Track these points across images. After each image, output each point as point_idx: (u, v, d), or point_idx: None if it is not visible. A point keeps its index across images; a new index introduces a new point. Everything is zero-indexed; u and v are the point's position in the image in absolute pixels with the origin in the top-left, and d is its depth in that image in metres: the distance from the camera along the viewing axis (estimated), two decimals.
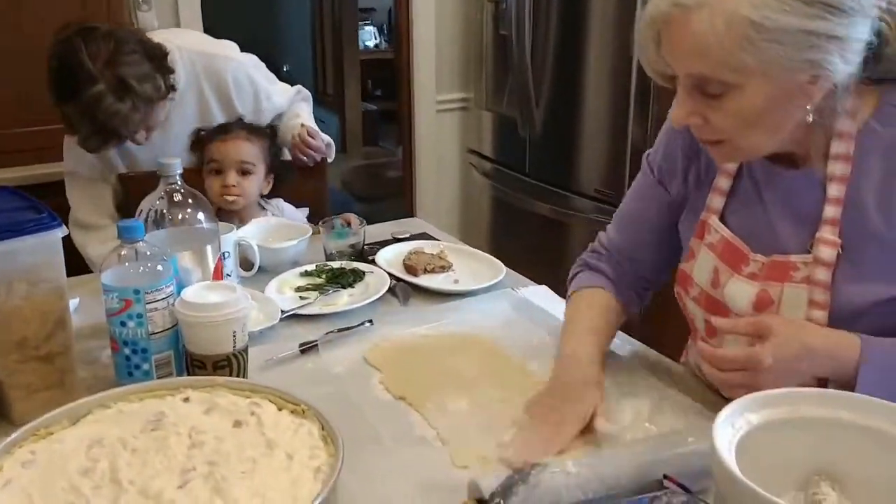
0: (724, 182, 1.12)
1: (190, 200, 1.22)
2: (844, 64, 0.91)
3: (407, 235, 1.82)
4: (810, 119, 0.96)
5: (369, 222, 1.80)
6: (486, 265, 1.63)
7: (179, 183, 1.21)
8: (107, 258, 1.10)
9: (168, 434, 0.94)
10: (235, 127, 1.86)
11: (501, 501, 0.85)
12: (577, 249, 1.49)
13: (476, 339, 1.32)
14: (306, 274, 1.59)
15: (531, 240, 3.07)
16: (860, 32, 0.91)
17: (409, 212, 3.55)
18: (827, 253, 0.99)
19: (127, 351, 1.11)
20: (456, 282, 1.57)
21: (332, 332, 1.33)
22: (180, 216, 1.20)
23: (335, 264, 1.61)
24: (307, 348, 1.28)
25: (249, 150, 1.83)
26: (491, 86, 3.27)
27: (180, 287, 1.14)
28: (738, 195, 1.11)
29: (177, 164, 1.20)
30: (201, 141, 1.87)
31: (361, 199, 4.95)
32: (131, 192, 1.91)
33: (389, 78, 5.27)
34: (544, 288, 1.56)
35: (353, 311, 1.42)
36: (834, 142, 1.00)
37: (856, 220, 0.99)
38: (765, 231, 1.07)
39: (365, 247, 1.70)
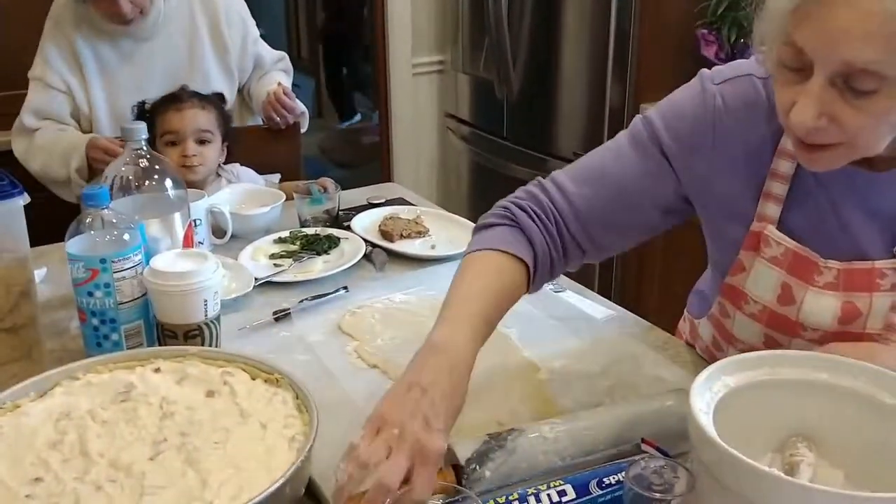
0: (778, 188, 0.98)
1: (157, 166, 1.18)
2: None
3: (382, 201, 1.79)
4: None
5: (346, 188, 1.78)
6: (464, 230, 1.61)
7: (145, 148, 1.17)
8: (71, 227, 1.07)
9: (138, 405, 0.92)
10: (187, 96, 1.81)
11: (477, 467, 0.85)
12: None
13: None
14: (280, 241, 1.56)
15: None
16: None
17: (386, 177, 3.52)
18: None
19: (95, 321, 1.09)
20: (433, 247, 1.55)
21: (305, 299, 1.31)
22: (147, 182, 1.17)
23: (310, 231, 1.58)
24: (281, 316, 1.26)
25: (205, 119, 1.79)
26: (467, 48, 3.23)
27: (149, 255, 1.11)
28: (798, 199, 0.98)
29: (142, 129, 1.16)
30: (150, 113, 1.81)
31: (340, 165, 4.90)
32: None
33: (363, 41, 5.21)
34: None
35: (328, 277, 1.41)
36: None
37: None
38: (838, 236, 0.96)
39: (340, 213, 1.67)
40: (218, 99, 1.88)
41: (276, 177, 2.02)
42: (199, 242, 1.45)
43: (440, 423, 0.82)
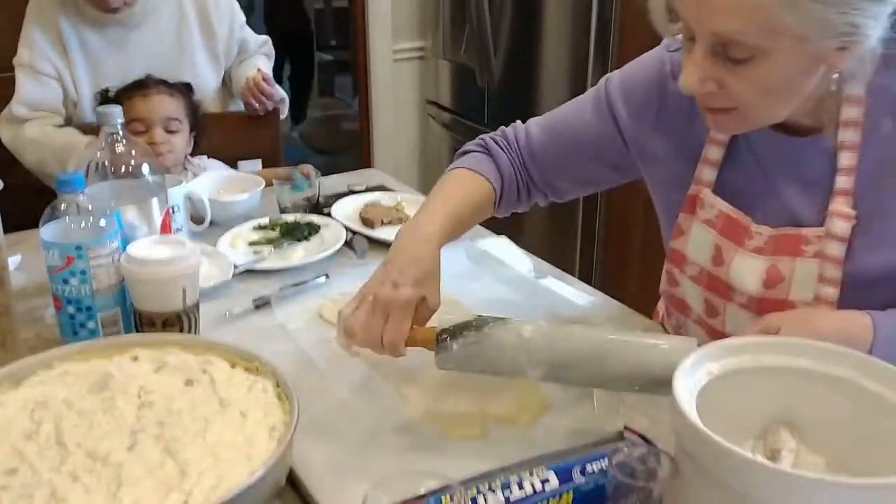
0: (715, 153, 1.03)
1: (133, 151, 1.16)
2: (878, 29, 0.82)
3: (363, 188, 1.78)
4: (834, 88, 0.88)
5: (327, 174, 1.76)
6: None
7: (122, 132, 1.15)
8: (45, 213, 1.05)
9: (115, 394, 0.90)
10: (153, 83, 1.76)
11: (448, 339, 0.91)
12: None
13: None
14: (260, 228, 1.54)
15: None
16: None
17: (366, 163, 3.50)
18: (840, 227, 0.93)
19: (71, 309, 1.07)
20: None
21: (286, 287, 1.30)
22: (123, 168, 1.15)
23: (290, 217, 1.57)
24: (261, 304, 1.25)
25: (173, 107, 1.75)
26: (448, 35, 3.20)
27: (125, 242, 1.09)
28: (733, 165, 1.03)
29: (118, 113, 1.14)
30: (115, 100, 1.75)
31: (320, 152, 4.87)
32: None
33: (343, 27, 5.17)
34: (504, 239, 1.54)
35: (309, 265, 1.39)
36: (844, 108, 0.92)
37: (870, 187, 0.93)
38: (770, 202, 1.00)
39: (320, 199, 1.66)
40: (185, 88, 1.84)
41: (258, 162, 2.00)
42: (177, 229, 1.42)
43: (406, 280, 0.95)
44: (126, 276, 1.07)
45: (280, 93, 2.04)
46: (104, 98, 1.77)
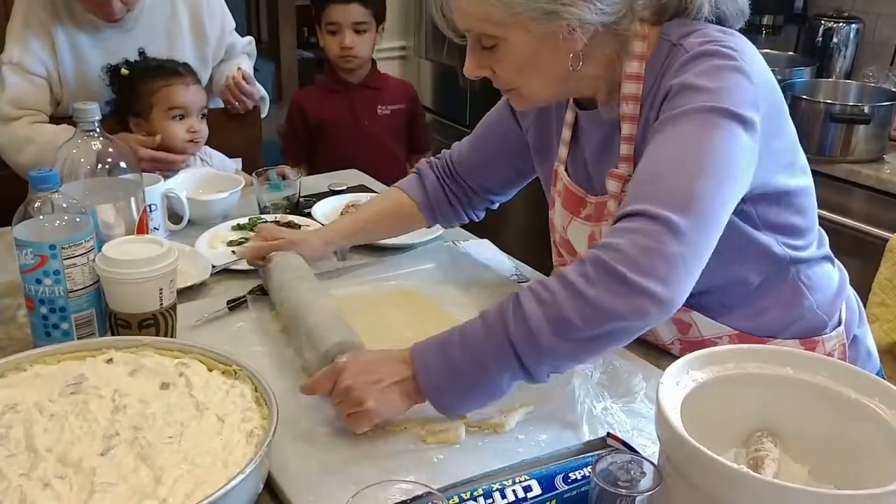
0: (566, 133, 1.17)
1: (111, 149, 1.14)
2: (597, 14, 0.96)
3: (344, 188, 1.76)
4: (579, 66, 1.01)
5: (307, 174, 1.74)
6: None
7: (98, 130, 1.13)
8: (18, 211, 1.02)
9: (89, 398, 0.88)
10: (184, 70, 1.79)
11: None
12: (518, 202, 1.46)
13: (415, 295, 1.29)
14: (239, 227, 1.52)
15: None
16: None
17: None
18: (613, 186, 1.06)
19: (44, 310, 1.04)
20: None
21: (257, 287, 1.28)
22: (100, 166, 1.13)
23: (269, 217, 1.55)
24: (236, 305, 1.23)
25: (203, 97, 1.80)
26: (430, 35, 3.19)
27: (101, 242, 1.07)
28: (576, 144, 1.17)
29: (94, 109, 1.12)
30: (134, 79, 1.75)
31: None
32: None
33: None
34: (486, 242, 1.53)
35: None
36: (623, 84, 1.04)
37: (641, 150, 1.03)
38: (592, 174, 1.13)
39: (300, 199, 1.64)
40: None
41: (238, 161, 1.98)
42: (155, 228, 1.41)
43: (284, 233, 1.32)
44: (101, 276, 1.04)
45: (260, 91, 2.02)
46: (114, 75, 1.76)
